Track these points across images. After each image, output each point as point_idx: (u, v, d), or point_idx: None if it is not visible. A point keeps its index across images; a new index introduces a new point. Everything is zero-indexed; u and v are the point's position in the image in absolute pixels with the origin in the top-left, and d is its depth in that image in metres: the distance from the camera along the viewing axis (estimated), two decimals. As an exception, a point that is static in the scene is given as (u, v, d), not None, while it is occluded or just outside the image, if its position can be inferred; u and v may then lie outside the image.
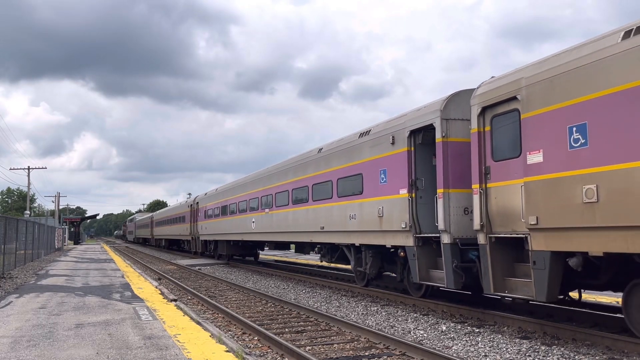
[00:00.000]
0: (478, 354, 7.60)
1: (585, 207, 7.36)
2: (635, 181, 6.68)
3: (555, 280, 8.06)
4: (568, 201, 7.63)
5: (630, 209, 6.73)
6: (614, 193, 7.00)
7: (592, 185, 7.29)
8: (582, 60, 7.60)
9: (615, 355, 7.29)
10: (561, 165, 7.81)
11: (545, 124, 8.12)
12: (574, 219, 7.53)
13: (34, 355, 6.86)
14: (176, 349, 7.08)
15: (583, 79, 7.54)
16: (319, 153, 16.58)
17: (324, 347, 8.14)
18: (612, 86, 7.11)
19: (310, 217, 16.74)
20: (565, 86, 7.79)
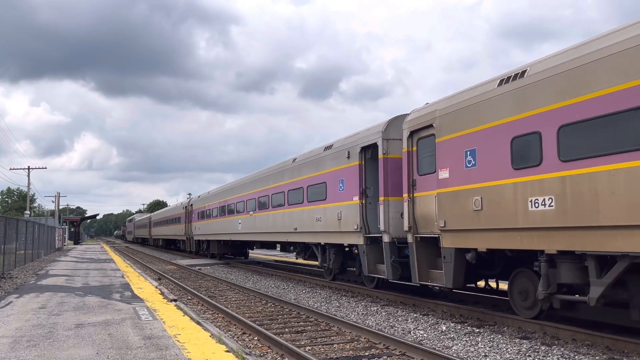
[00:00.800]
0: (478, 354, 7.60)
1: (474, 214, 9.46)
2: (503, 195, 8.87)
3: (459, 271, 10.15)
4: (464, 209, 9.73)
5: (500, 215, 8.91)
6: (491, 203, 9.11)
7: (478, 197, 9.39)
8: (474, 99, 9.69)
9: (615, 355, 7.29)
10: (460, 181, 9.90)
11: (450, 147, 10.22)
12: (468, 222, 9.64)
13: (34, 355, 6.86)
14: (176, 349, 7.08)
15: (474, 114, 9.61)
16: (293, 162, 18.56)
17: (324, 347, 8.14)
18: (491, 121, 9.19)
19: (286, 220, 18.74)
20: (463, 118, 9.88)
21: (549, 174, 8.06)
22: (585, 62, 7.62)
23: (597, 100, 7.32)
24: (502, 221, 8.90)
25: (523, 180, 8.53)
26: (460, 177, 9.92)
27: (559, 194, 7.88)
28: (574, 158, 7.63)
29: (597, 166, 7.30)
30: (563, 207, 7.78)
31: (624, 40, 7.13)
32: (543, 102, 8.22)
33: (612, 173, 7.07)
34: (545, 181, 8.11)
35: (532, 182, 8.36)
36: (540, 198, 8.20)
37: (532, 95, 8.44)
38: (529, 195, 8.40)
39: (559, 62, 8.16)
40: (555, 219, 7.91)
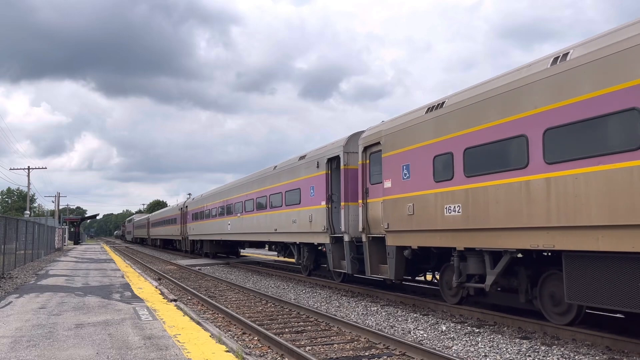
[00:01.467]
0: (478, 354, 7.60)
1: (409, 217, 11.38)
2: (428, 202, 10.77)
3: (401, 265, 12.05)
4: (401, 213, 11.64)
5: (426, 219, 10.80)
6: (420, 209, 11.03)
7: (411, 204, 11.29)
8: (409, 123, 11.62)
9: (615, 355, 7.29)
10: (399, 190, 11.80)
11: (392, 162, 12.11)
12: (404, 225, 11.55)
13: (34, 355, 6.86)
14: (176, 349, 7.08)
15: (408, 135, 11.54)
16: (274, 170, 20.50)
17: (324, 347, 8.14)
18: (420, 142, 11.12)
19: (268, 221, 20.64)
20: (401, 138, 11.81)
21: (458, 186, 9.98)
22: (479, 100, 9.53)
23: (486, 130, 9.32)
24: (427, 224, 10.86)
25: (441, 191, 10.45)
26: (398, 187, 11.89)
27: (464, 203, 9.80)
28: (474, 174, 9.56)
29: (487, 182, 9.24)
30: (467, 213, 9.72)
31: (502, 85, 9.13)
32: (454, 129, 10.12)
33: (497, 187, 9.00)
34: (455, 192, 10.03)
35: (447, 193, 10.28)
36: (452, 205, 10.14)
37: (446, 123, 10.35)
38: (445, 203, 10.32)
39: (463, 98, 10.10)
40: (462, 222, 9.82)
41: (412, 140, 11.39)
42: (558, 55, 8.22)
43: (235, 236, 25.97)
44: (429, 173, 10.75)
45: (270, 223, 20.30)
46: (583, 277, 7.67)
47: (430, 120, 10.84)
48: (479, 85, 9.88)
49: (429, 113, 10.95)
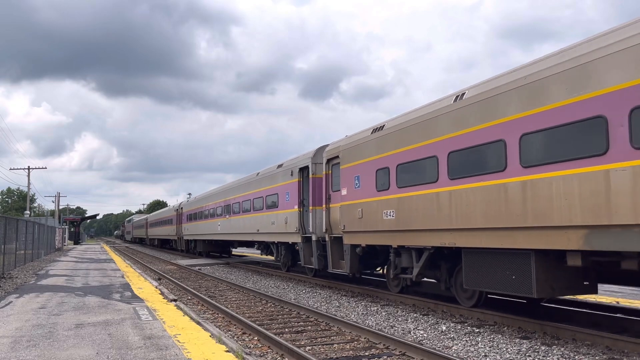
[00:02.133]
0: (478, 354, 7.59)
1: (359, 220, 13.36)
2: (372, 208, 12.77)
3: (355, 261, 14.01)
4: (354, 217, 13.62)
5: (371, 222, 12.81)
6: (367, 213, 13.02)
7: (361, 209, 13.27)
8: (359, 140, 13.72)
9: (615, 355, 7.29)
10: (352, 197, 13.79)
11: (347, 173, 14.15)
12: (356, 226, 13.56)
13: (34, 355, 6.86)
14: (176, 349, 7.08)
15: (359, 151, 13.59)
16: (257, 176, 22.67)
17: (324, 347, 8.14)
18: (367, 157, 13.13)
19: (252, 223, 22.82)
20: (354, 153, 13.89)
21: (392, 195, 12.00)
22: (407, 125, 11.61)
23: (411, 150, 11.39)
24: (372, 226, 12.82)
25: (381, 199, 12.46)
26: (352, 194, 13.88)
27: (396, 209, 11.85)
28: (403, 186, 11.58)
29: (412, 192, 11.29)
30: (398, 217, 11.78)
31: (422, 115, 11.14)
32: (390, 148, 12.18)
33: (418, 197, 11.06)
34: (390, 200, 12.03)
35: (385, 200, 12.28)
36: (388, 211, 12.16)
37: (385, 143, 12.40)
38: (383, 209, 12.33)
39: (397, 123, 12.15)
40: (395, 225, 11.87)
41: (362, 156, 13.51)
42: (458, 94, 10.19)
43: (224, 236, 28.05)
44: (373, 183, 12.82)
45: (254, 224, 22.52)
46: (475, 267, 9.66)
47: (374, 139, 12.96)
48: (410, 112, 11.96)
49: (373, 133, 13.09)
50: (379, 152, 12.63)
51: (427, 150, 10.75)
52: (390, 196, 12.05)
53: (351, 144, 14.18)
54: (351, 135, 14.67)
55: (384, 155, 12.40)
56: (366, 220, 13.10)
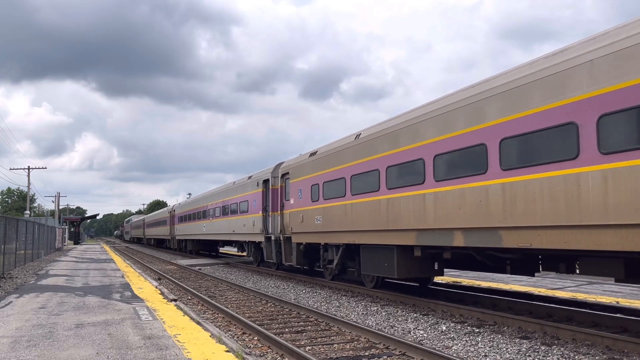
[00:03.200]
0: (478, 354, 7.59)
1: (301, 224, 16.83)
2: (308, 214, 16.24)
3: (301, 256, 17.52)
4: (298, 221, 17.18)
5: (308, 225, 16.21)
6: (306, 218, 16.50)
7: (302, 215, 16.83)
8: (301, 162, 17.33)
9: (615, 355, 7.29)
10: (297, 205, 17.40)
11: (294, 187, 17.74)
12: (299, 228, 17.04)
13: (34, 355, 6.86)
14: (176, 349, 7.08)
15: (301, 170, 17.18)
16: (233, 185, 26.76)
17: (324, 347, 8.13)
18: (306, 175, 16.74)
19: (229, 225, 26.77)
20: (298, 171, 17.43)
21: (320, 205, 15.60)
22: (328, 153, 15.35)
23: (330, 172, 15.04)
24: (309, 228, 16.37)
25: (314, 207, 16.04)
26: (297, 203, 17.42)
27: (323, 215, 15.34)
28: (327, 198, 15.06)
29: (331, 203, 14.82)
30: (324, 222, 15.32)
31: (337, 147, 14.97)
32: (320, 169, 15.74)
33: (335, 206, 14.58)
34: (319, 208, 15.66)
35: (317, 209, 15.80)
36: (318, 217, 15.75)
37: (317, 165, 15.92)
38: (315, 215, 15.93)
39: (324, 150, 15.85)
40: (322, 227, 15.43)
41: (303, 174, 17.11)
42: (357, 134, 13.97)
43: (208, 236, 31.85)
44: (309, 195, 16.37)
45: (230, 226, 26.34)
46: (367, 259, 13.32)
47: (310, 161, 16.60)
48: (332, 143, 15.59)
49: (310, 157, 16.78)
50: (313, 172, 16.30)
51: (339, 173, 14.54)
52: (319, 206, 15.76)
53: (297, 164, 17.84)
54: (297, 157, 18.46)
55: (316, 174, 16.13)
56: (305, 224, 16.72)
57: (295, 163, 17.95)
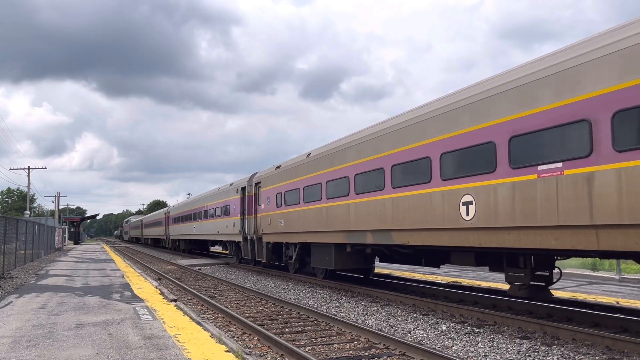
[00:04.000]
0: (478, 354, 7.59)
1: (269, 226, 19.73)
2: (274, 218, 19.32)
3: (269, 253, 20.50)
4: (267, 223, 20.05)
5: (274, 227, 19.37)
6: (272, 221, 19.49)
7: (269, 218, 19.77)
8: (269, 174, 20.41)
9: (615, 355, 7.29)
10: (266, 210, 20.22)
11: (264, 194, 20.71)
12: (268, 229, 19.97)
13: (34, 355, 6.86)
14: (176, 349, 7.08)
15: (270, 180, 20.10)
16: (218, 190, 30.28)
17: (324, 347, 8.13)
18: (273, 184, 19.81)
19: (215, 226, 30.06)
20: (267, 181, 20.40)
21: (283, 210, 18.56)
22: (289, 167, 18.48)
23: (291, 183, 17.99)
24: (275, 229, 19.35)
25: (278, 212, 18.99)
26: (266, 208, 20.43)
27: (285, 219, 18.35)
28: (288, 204, 18.00)
29: (291, 209, 17.80)
30: (285, 224, 18.28)
31: (294, 163, 18.23)
32: (284, 179, 18.72)
33: (293, 212, 17.55)
34: (282, 213, 18.59)
35: (280, 213, 18.81)
36: (281, 220, 18.67)
37: (281, 176, 19.06)
38: (280, 218, 18.82)
39: (286, 165, 18.99)
40: (284, 229, 18.38)
41: (271, 183, 20.17)
42: (309, 153, 17.16)
43: (198, 236, 34.83)
44: (275, 202, 19.40)
45: (216, 227, 29.63)
46: (315, 254, 16.58)
47: (276, 173, 19.77)
48: (292, 159, 18.95)
49: (276, 169, 19.92)
50: (278, 182, 19.38)
51: (295, 185, 17.59)
52: (282, 211, 18.72)
53: (266, 175, 21.06)
54: (267, 169, 21.66)
55: (280, 184, 19.18)
56: (272, 226, 19.71)
57: (265, 174, 21.19)
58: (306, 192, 16.67)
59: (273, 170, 20.18)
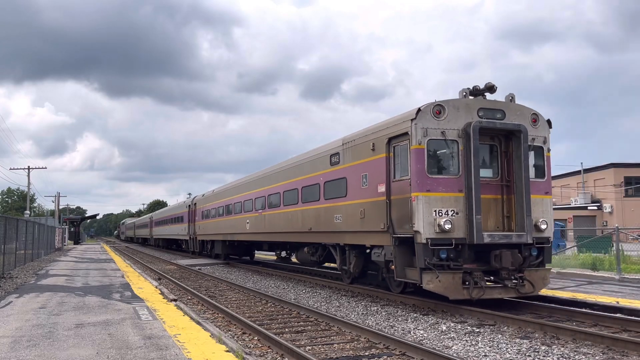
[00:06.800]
0: (478, 354, 7.60)
1: (199, 230, 34.16)
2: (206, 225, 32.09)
3: (201, 247, 34.14)
4: (199, 228, 34.20)
5: (207, 230, 32.13)
6: (202, 227, 33.51)
7: (199, 225, 34.12)
8: (200, 198, 35.30)
9: (615, 355, 7.29)
10: (198, 221, 34.97)
11: (198, 211, 34.68)
12: (199, 232, 34.27)
13: (34, 355, 6.86)
14: (176, 349, 7.08)
15: (199, 203, 34.88)
16: (177, 205, 45.08)
17: (324, 347, 8.14)
18: (202, 205, 33.79)
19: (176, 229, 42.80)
20: (198, 203, 35.16)
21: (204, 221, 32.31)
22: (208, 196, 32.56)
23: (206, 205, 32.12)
24: (201, 232, 32.84)
25: (203, 222, 32.10)
26: (198, 220, 33.66)
27: (215, 226, 29.45)
28: (205, 218, 32.04)
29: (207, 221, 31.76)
30: (215, 228, 29.33)
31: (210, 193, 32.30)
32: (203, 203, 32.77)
33: (210, 222, 30.90)
34: (204, 223, 32.41)
35: (204, 223, 31.79)
36: (203, 226, 32.41)
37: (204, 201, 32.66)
38: (203, 226, 32.36)
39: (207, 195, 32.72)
40: (213, 230, 29.96)
41: (199, 204, 33.25)
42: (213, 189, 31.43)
43: (168, 236, 47.69)
44: (202, 216, 32.05)
45: (174, 230, 43.59)
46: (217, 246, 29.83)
47: (203, 198, 32.64)
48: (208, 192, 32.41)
49: (202, 196, 33.12)
50: (202, 205, 32.30)
51: (209, 207, 30.42)
52: (204, 222, 31.04)
53: (198, 199, 34.47)
54: (204, 193, 33.07)
55: (202, 206, 32.26)
56: (201, 230, 32.46)
57: (197, 199, 35.25)
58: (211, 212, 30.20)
59: (201, 197, 33.82)
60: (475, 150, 10.62)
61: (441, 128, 10.84)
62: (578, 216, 61.43)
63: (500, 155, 11.37)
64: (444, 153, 11.06)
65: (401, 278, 11.38)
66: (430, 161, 10.77)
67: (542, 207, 11.49)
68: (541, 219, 11.29)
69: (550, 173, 11.90)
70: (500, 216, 11.24)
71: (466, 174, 10.71)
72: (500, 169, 11.34)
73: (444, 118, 10.89)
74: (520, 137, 11.06)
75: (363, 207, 12.72)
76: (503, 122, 11.15)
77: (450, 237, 10.48)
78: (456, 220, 10.56)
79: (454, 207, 10.67)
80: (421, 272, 10.46)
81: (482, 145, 11.00)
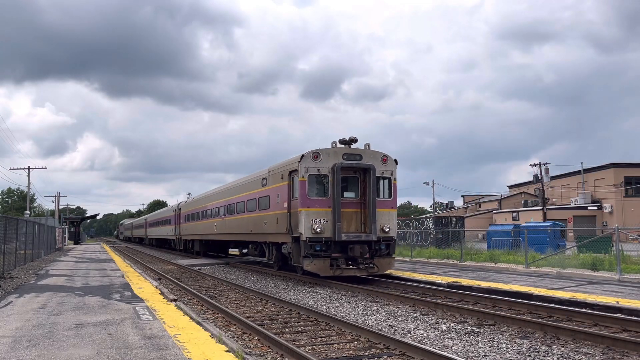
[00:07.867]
0: (478, 354, 7.60)
1: (184, 231, 40.44)
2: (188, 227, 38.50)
3: (202, 248, 35.07)
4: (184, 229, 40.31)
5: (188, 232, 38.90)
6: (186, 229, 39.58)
7: (184, 227, 40.19)
8: (183, 204, 41.96)
9: (615, 355, 7.29)
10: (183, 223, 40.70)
11: (183, 214, 40.02)
12: (184, 232, 40.48)
13: (34, 355, 6.86)
14: (176, 349, 7.08)
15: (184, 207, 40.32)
16: (164, 209, 54.00)
17: (324, 347, 8.14)
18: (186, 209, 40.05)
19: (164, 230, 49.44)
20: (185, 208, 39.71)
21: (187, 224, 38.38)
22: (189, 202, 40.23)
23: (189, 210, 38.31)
24: (186, 232, 38.74)
25: (187, 224, 38.00)
26: (183, 222, 39.16)
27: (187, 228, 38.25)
28: (187, 221, 38.10)
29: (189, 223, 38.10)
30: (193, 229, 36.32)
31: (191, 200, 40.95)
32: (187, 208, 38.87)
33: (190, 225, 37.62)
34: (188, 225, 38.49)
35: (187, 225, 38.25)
36: (187, 228, 38.38)
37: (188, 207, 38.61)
38: (187, 227, 38.25)
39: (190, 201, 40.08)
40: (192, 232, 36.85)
41: (184, 209, 38.85)
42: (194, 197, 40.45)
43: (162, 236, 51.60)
44: (185, 219, 37.96)
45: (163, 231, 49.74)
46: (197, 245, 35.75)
47: (186, 204, 39.45)
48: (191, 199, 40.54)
49: (186, 202, 39.86)
50: (186, 209, 38.00)
51: (190, 212, 36.34)
52: (187, 224, 37.12)
53: (183, 204, 39.80)
54: (186, 200, 40.09)
55: (186, 210, 37.99)
56: (185, 231, 37.86)
57: (183, 204, 40.15)
58: (192, 216, 35.39)
59: (184, 203, 39.76)
60: (338, 181, 16.06)
61: (317, 167, 16.22)
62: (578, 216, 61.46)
63: (360, 183, 16.71)
64: (319, 182, 16.29)
65: (296, 263, 16.87)
66: (310, 188, 16.17)
67: (388, 217, 16.83)
68: (386, 225, 16.60)
69: (396, 194, 17.29)
70: (360, 223, 16.52)
71: (333, 196, 16.03)
72: (360, 192, 16.71)
73: (320, 160, 16.27)
74: (370, 171, 16.38)
75: (277, 216, 18.13)
76: (359, 163, 16.52)
77: (321, 236, 15.85)
78: (326, 226, 15.91)
79: (324, 217, 15.96)
80: (303, 259, 15.93)
81: (349, 176, 16.65)
